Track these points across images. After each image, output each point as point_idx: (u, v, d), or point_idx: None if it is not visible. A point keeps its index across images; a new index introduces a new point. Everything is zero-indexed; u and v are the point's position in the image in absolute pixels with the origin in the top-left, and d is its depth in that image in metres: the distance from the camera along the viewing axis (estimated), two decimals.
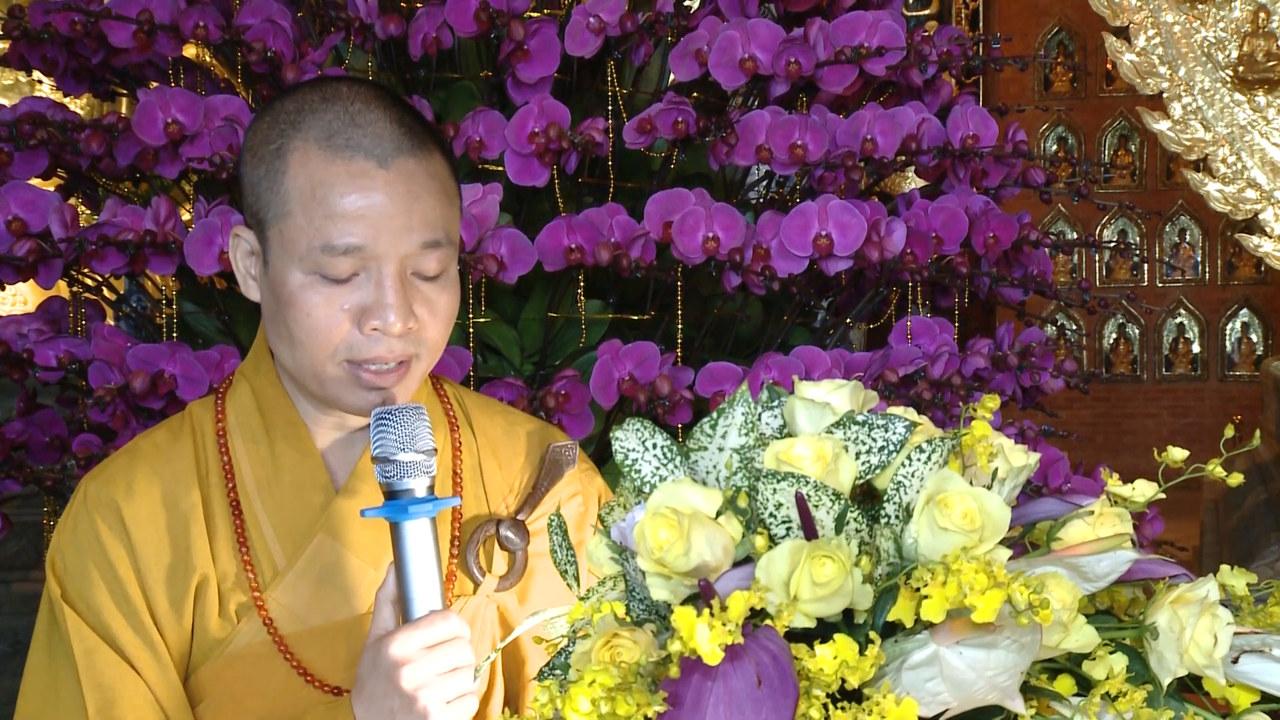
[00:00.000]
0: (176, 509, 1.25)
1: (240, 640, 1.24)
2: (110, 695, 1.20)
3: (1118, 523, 0.92)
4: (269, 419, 1.28)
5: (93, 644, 1.21)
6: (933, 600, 0.78)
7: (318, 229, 1.17)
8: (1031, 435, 2.36)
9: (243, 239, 1.25)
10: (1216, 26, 5.46)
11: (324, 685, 1.24)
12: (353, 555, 1.26)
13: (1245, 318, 10.07)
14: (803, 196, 2.32)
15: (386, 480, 1.14)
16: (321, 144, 1.18)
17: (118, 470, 1.27)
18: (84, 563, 1.23)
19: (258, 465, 1.27)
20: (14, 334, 2.10)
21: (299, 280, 1.18)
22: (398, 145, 1.19)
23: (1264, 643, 0.88)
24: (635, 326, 2.29)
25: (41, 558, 2.75)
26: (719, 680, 0.78)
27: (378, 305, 1.18)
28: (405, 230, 1.18)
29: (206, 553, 1.24)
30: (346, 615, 1.25)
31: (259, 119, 1.24)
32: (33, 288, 5.45)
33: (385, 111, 1.20)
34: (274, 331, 1.24)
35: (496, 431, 1.38)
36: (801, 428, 0.93)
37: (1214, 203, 5.43)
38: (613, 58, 2.26)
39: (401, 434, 1.13)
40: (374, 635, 1.14)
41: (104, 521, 1.24)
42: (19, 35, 2.24)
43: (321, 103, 1.20)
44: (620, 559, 0.95)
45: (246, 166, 1.23)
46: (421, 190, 1.19)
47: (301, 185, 1.18)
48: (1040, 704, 0.84)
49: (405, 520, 1.12)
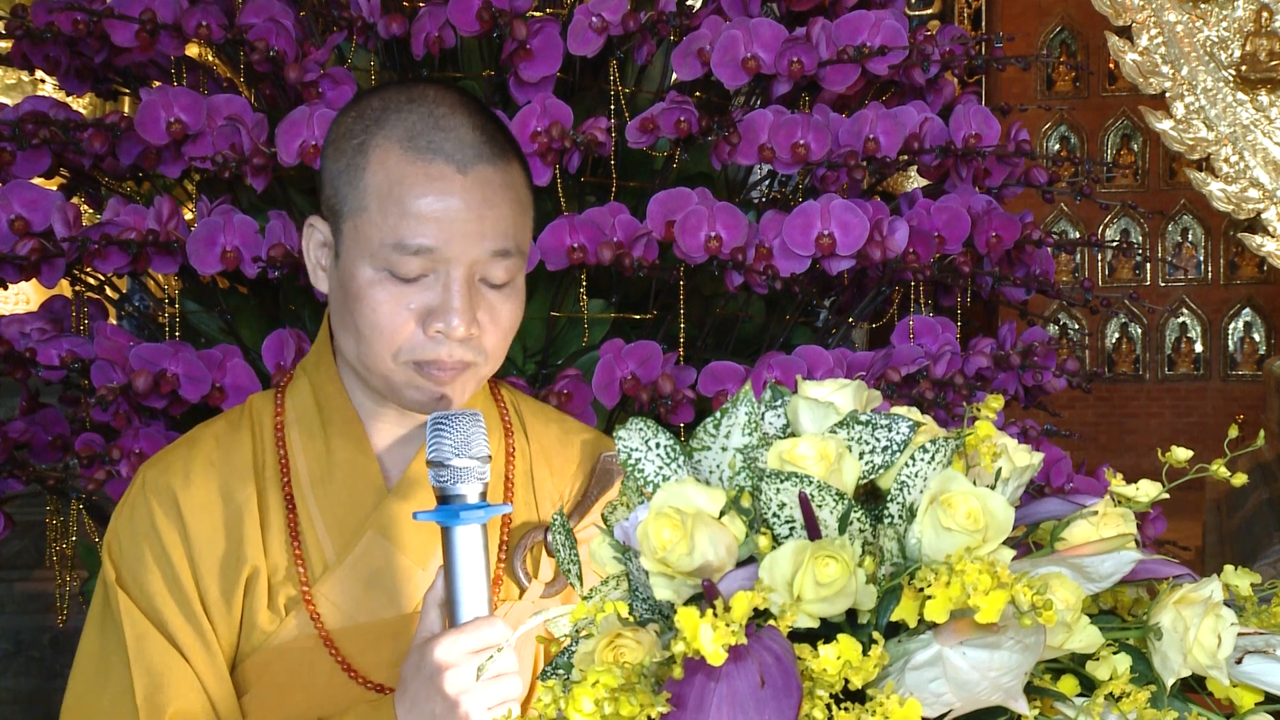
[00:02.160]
0: (232, 500, 1.27)
1: (287, 633, 1.26)
2: (158, 680, 1.22)
3: (1121, 523, 0.91)
4: (326, 415, 1.30)
5: (144, 629, 1.24)
6: (936, 600, 0.78)
7: (392, 226, 1.18)
8: (1034, 435, 2.36)
9: (317, 229, 1.26)
10: (1219, 26, 5.46)
11: (367, 682, 1.26)
12: (402, 554, 1.27)
13: (1248, 317, 10.07)
14: (805, 196, 2.32)
15: (440, 484, 1.14)
16: (403, 144, 1.20)
17: (176, 459, 1.29)
18: (139, 547, 1.26)
19: (313, 461, 1.29)
20: (16, 333, 2.10)
21: (368, 276, 1.20)
22: (478, 152, 1.21)
23: (1268, 643, 0.87)
24: (637, 326, 2.29)
25: (43, 557, 2.75)
26: (722, 681, 0.78)
27: (443, 308, 1.19)
28: (477, 236, 1.19)
29: (259, 545, 1.26)
30: (393, 614, 1.27)
31: (344, 114, 1.25)
32: (35, 287, 5.46)
33: (468, 118, 1.22)
34: (340, 324, 1.26)
35: (550, 439, 1.39)
36: (805, 427, 0.93)
37: (1216, 202, 5.43)
38: (615, 57, 2.26)
39: (457, 439, 1.14)
40: (420, 638, 1.16)
41: (161, 508, 1.26)
42: (22, 34, 2.24)
43: (407, 103, 1.22)
44: (623, 558, 0.95)
45: (328, 159, 1.24)
46: (497, 198, 1.21)
47: (380, 182, 1.19)
48: (1044, 704, 0.84)
49: (456, 525, 1.13)
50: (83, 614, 2.27)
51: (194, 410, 2.04)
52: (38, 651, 3.65)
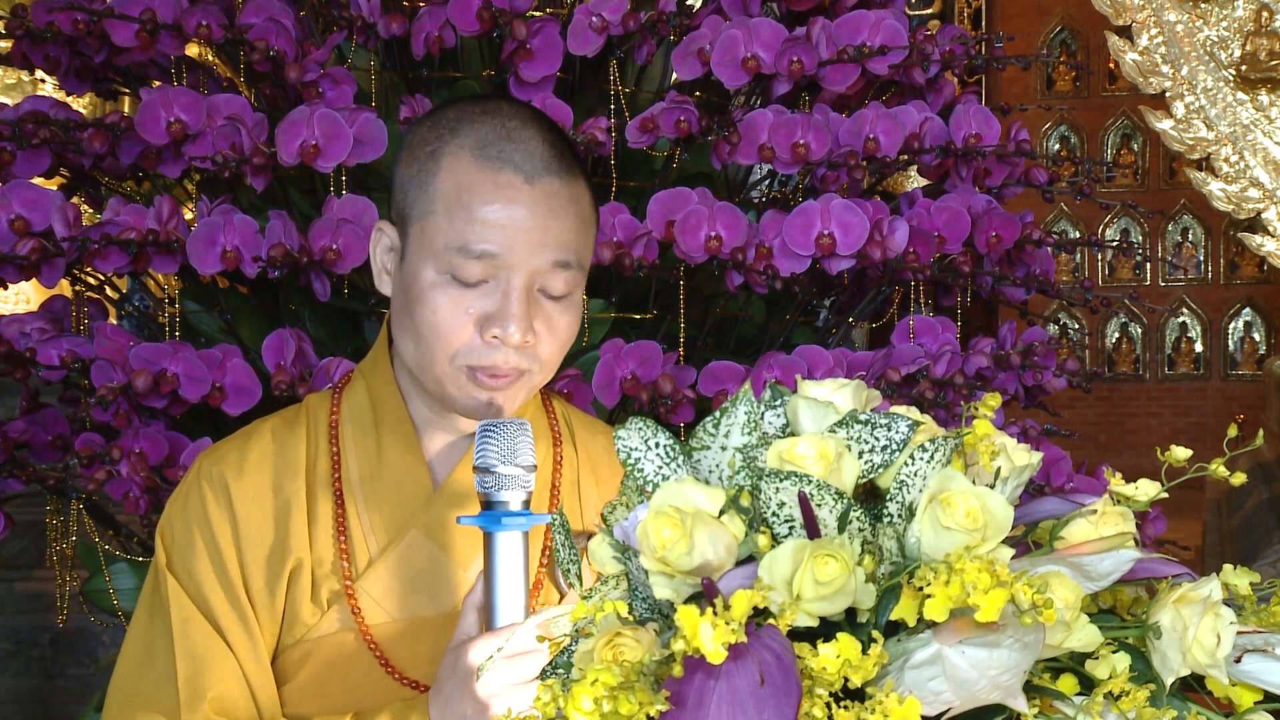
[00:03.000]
0: (282, 493, 1.30)
1: (328, 627, 1.28)
2: (200, 665, 1.24)
3: (1121, 522, 0.91)
4: (380, 416, 1.33)
5: (190, 613, 1.26)
6: (935, 599, 0.78)
7: (458, 230, 1.21)
8: (1034, 434, 2.36)
9: (385, 234, 1.30)
10: (1219, 25, 5.46)
11: (404, 678, 1.28)
12: (444, 555, 1.29)
13: (1248, 317, 10.07)
14: (805, 195, 2.32)
15: (485, 490, 1.16)
16: (475, 152, 1.23)
17: (232, 449, 1.32)
18: (191, 533, 1.28)
19: (364, 459, 1.32)
20: (16, 333, 2.10)
21: (431, 278, 1.23)
22: (546, 165, 1.23)
23: (1267, 642, 0.87)
24: (637, 325, 2.29)
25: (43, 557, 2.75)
26: (722, 679, 0.78)
27: (501, 314, 1.22)
28: (540, 246, 1.22)
29: (305, 538, 1.29)
30: (432, 613, 1.29)
31: (420, 123, 1.29)
32: (35, 287, 5.47)
33: (539, 131, 1.25)
34: (400, 326, 1.28)
35: (598, 450, 1.41)
36: (804, 427, 0.93)
37: (1216, 202, 5.43)
38: (615, 57, 2.26)
39: (504, 446, 1.16)
40: (457, 640, 1.18)
41: (213, 496, 1.29)
42: (22, 34, 2.24)
43: (481, 115, 1.25)
44: (623, 558, 0.95)
45: (401, 165, 1.28)
46: (562, 211, 1.24)
47: (449, 187, 1.22)
48: (1043, 703, 0.84)
49: (498, 531, 1.14)
50: (83, 614, 2.27)
51: (194, 410, 2.05)
52: (38, 651, 3.65)
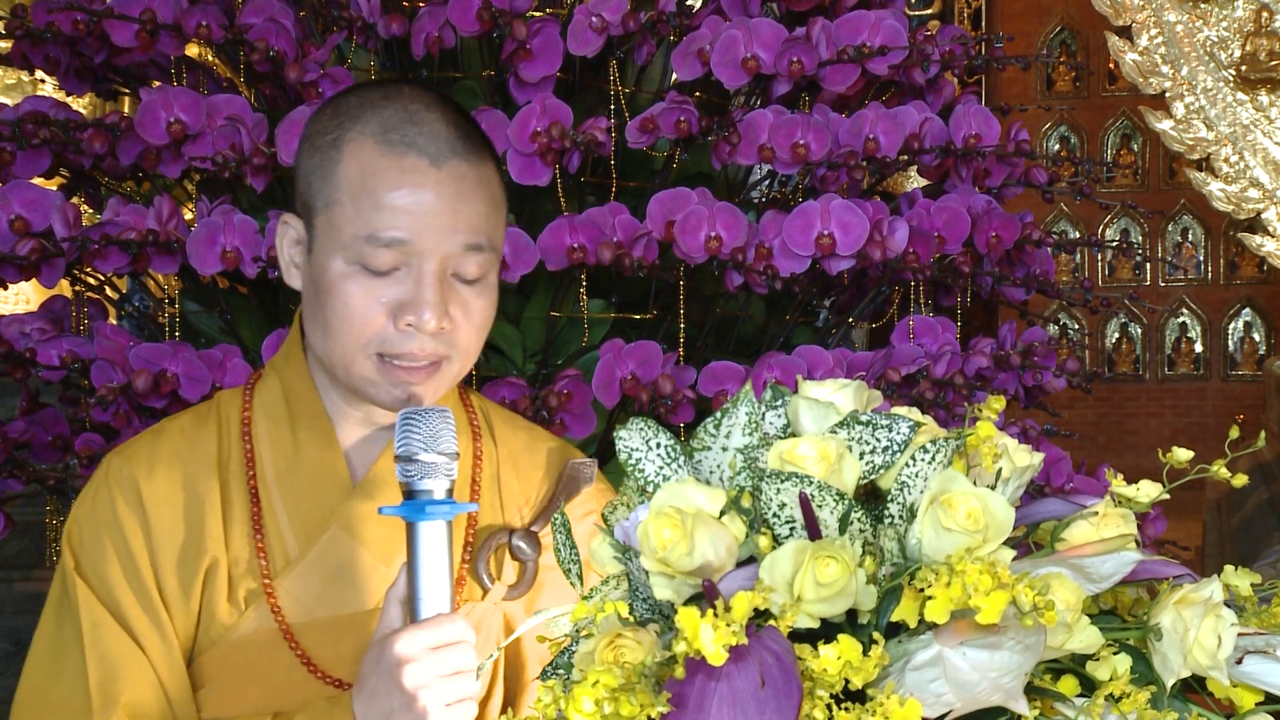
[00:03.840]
0: (194, 492, 1.27)
1: (247, 627, 1.25)
2: (113, 670, 1.21)
3: (1122, 523, 0.91)
4: (295, 411, 1.30)
5: (100, 617, 1.23)
6: (937, 601, 0.78)
7: (365, 219, 1.19)
8: (1034, 435, 2.36)
9: (290, 226, 1.27)
10: (1219, 26, 5.46)
11: (327, 677, 1.25)
12: (365, 551, 1.27)
13: (1248, 317, 10.06)
14: (805, 196, 2.32)
15: (407, 479, 1.14)
16: (378, 138, 1.21)
17: (141, 448, 1.29)
18: (99, 536, 1.25)
19: (279, 456, 1.29)
20: (16, 333, 2.10)
21: (340, 269, 1.20)
22: (452, 147, 1.21)
23: (1268, 643, 0.88)
24: (637, 326, 2.29)
25: (44, 557, 2.75)
26: (723, 680, 0.78)
27: (415, 301, 1.19)
28: (450, 230, 1.20)
29: (220, 537, 1.26)
30: (354, 609, 1.27)
31: (320, 112, 1.26)
32: (35, 287, 5.46)
33: (443, 114, 1.23)
34: (311, 319, 1.26)
35: (518, 444, 1.40)
36: (805, 427, 0.93)
37: (1216, 202, 5.43)
38: (615, 57, 2.26)
39: (426, 434, 1.14)
40: (380, 633, 1.15)
41: (123, 497, 1.26)
42: (22, 34, 2.24)
43: (382, 100, 1.23)
44: (624, 558, 0.95)
45: (302, 156, 1.25)
46: (470, 194, 1.22)
47: (353, 175, 1.20)
48: (1044, 705, 0.84)
49: (421, 520, 1.13)
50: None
51: None
52: None
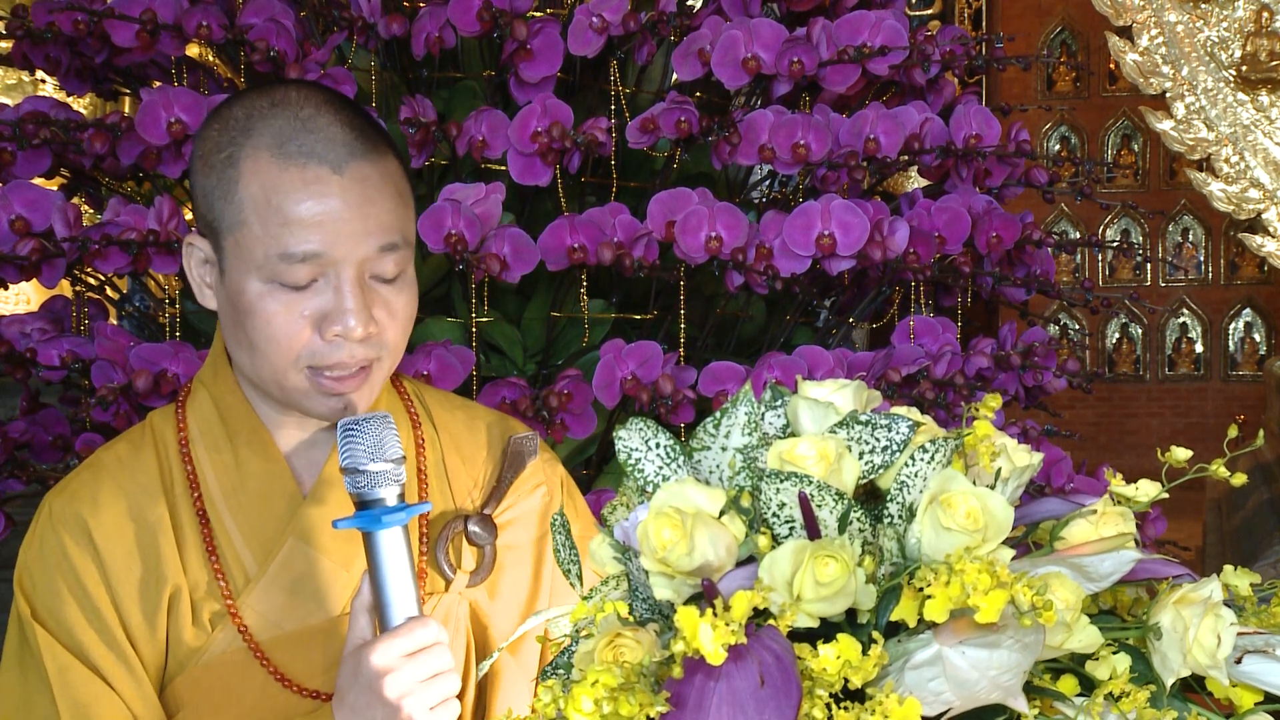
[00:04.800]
0: (144, 521, 1.24)
1: (215, 648, 1.23)
2: (86, 713, 1.19)
3: (1121, 523, 0.91)
4: (231, 426, 1.27)
5: (65, 661, 1.20)
6: (936, 600, 0.78)
7: (274, 237, 1.16)
8: (1034, 435, 2.36)
9: (196, 247, 1.23)
10: (1219, 26, 5.45)
11: (302, 689, 1.24)
12: (324, 558, 1.25)
13: (1248, 317, 10.06)
14: (805, 196, 2.32)
15: (357, 491, 1.13)
16: (274, 151, 1.17)
17: (82, 485, 1.25)
18: (52, 580, 1.22)
19: (222, 473, 1.26)
20: (17, 333, 2.10)
21: (257, 289, 1.17)
22: (350, 150, 1.18)
23: (1267, 643, 0.87)
24: (638, 326, 2.29)
25: None
26: (722, 680, 0.78)
27: (338, 311, 1.17)
28: (362, 235, 1.17)
29: (177, 563, 1.23)
30: (321, 619, 1.25)
31: (207, 126, 1.22)
32: (36, 287, 5.47)
33: (335, 115, 1.19)
34: (233, 339, 1.23)
35: (458, 426, 1.37)
36: (805, 427, 0.93)
37: (1217, 202, 5.43)
38: (615, 57, 2.26)
39: (370, 444, 1.13)
40: (351, 645, 1.14)
41: (71, 538, 1.22)
42: (22, 34, 2.24)
43: (270, 108, 1.19)
44: (623, 558, 0.95)
45: (198, 175, 1.21)
46: (376, 194, 1.19)
47: (255, 194, 1.16)
48: (1043, 704, 0.84)
49: (379, 530, 1.12)
50: None
51: None
52: None
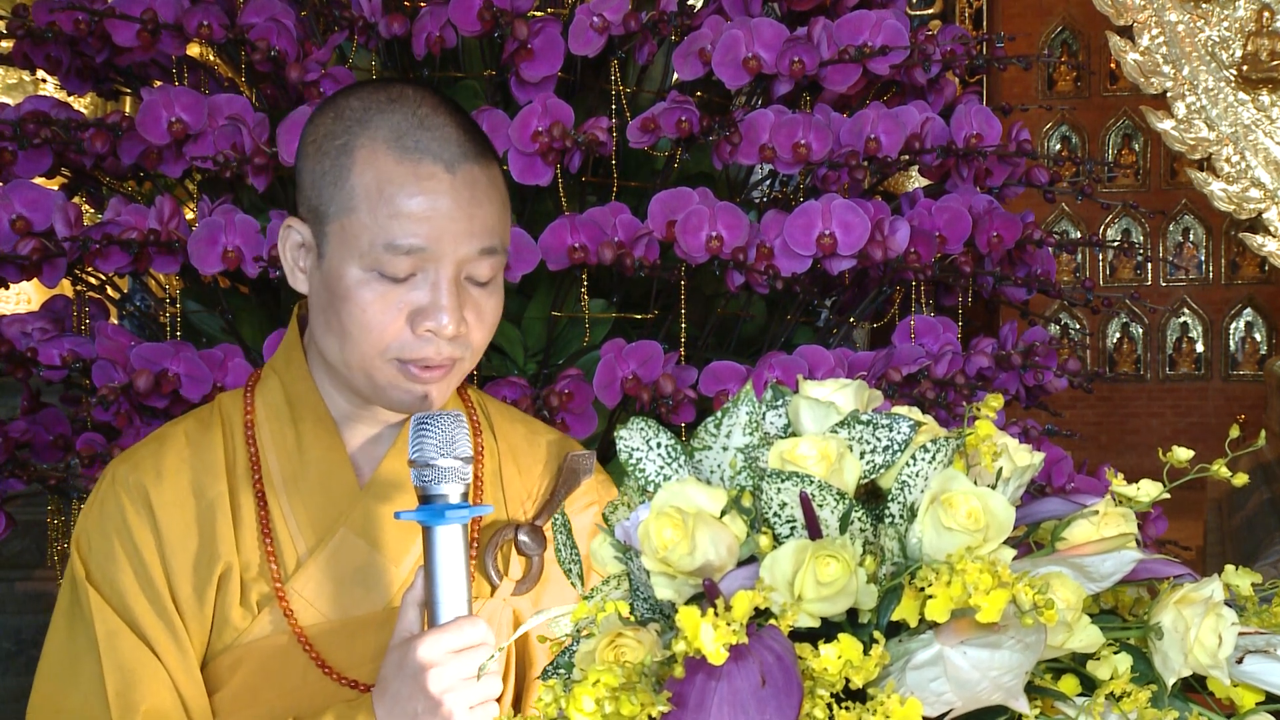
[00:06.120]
0: (203, 497, 1.26)
1: (260, 630, 1.25)
2: (130, 678, 1.21)
3: (1122, 522, 0.91)
4: (297, 413, 1.30)
5: (115, 626, 1.23)
6: (937, 600, 0.78)
7: (382, 227, 1.19)
8: (1035, 435, 2.36)
9: (295, 230, 1.26)
10: (1220, 26, 5.45)
11: (342, 678, 1.25)
12: (376, 552, 1.27)
13: (1249, 317, 10.06)
14: (806, 196, 2.32)
15: (423, 484, 1.15)
16: (390, 144, 1.20)
17: (147, 455, 1.28)
18: (110, 544, 1.25)
19: (285, 458, 1.29)
20: (18, 333, 2.10)
21: (357, 276, 1.20)
22: (464, 151, 1.22)
23: (1269, 643, 0.87)
24: (639, 325, 2.29)
25: (45, 557, 2.74)
26: (723, 680, 0.78)
27: (433, 307, 1.20)
28: (466, 235, 1.20)
29: (231, 542, 1.26)
30: (367, 610, 1.27)
31: (320, 114, 1.25)
32: (36, 286, 5.47)
33: (450, 117, 1.23)
34: (323, 325, 1.25)
35: (517, 438, 1.40)
36: (806, 427, 0.93)
37: (1218, 202, 5.43)
38: (616, 57, 2.26)
39: (441, 439, 1.14)
40: (399, 637, 1.16)
41: (132, 505, 1.25)
42: (23, 34, 2.24)
43: (388, 103, 1.22)
44: (624, 558, 0.95)
45: (307, 160, 1.24)
46: (483, 197, 1.22)
47: (369, 183, 1.20)
48: (1044, 704, 0.84)
49: (439, 525, 1.13)
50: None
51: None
52: (39, 651, 3.65)
